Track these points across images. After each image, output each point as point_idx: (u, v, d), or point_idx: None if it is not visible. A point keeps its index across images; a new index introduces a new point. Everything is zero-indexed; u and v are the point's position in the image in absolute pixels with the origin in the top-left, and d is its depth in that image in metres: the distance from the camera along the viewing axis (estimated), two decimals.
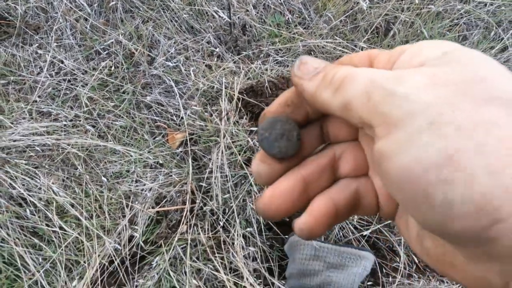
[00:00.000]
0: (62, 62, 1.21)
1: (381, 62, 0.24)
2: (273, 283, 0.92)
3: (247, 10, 1.29)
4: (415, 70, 0.20)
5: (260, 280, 0.92)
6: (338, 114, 0.22)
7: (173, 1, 1.28)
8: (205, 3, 1.29)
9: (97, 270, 0.91)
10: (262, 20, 1.31)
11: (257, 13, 1.31)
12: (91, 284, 0.89)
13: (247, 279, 0.87)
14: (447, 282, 1.02)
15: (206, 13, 1.29)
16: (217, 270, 0.90)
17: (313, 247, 0.80)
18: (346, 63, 0.25)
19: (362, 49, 1.28)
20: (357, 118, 0.21)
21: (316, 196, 0.26)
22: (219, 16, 1.23)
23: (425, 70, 0.20)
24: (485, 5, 1.43)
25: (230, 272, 0.92)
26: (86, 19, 1.25)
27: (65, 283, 0.91)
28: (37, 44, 1.24)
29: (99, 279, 0.90)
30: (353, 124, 0.22)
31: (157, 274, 0.90)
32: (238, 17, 1.28)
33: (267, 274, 0.93)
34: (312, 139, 0.28)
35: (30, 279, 0.90)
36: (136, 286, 0.89)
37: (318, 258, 0.79)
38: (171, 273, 0.90)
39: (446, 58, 0.20)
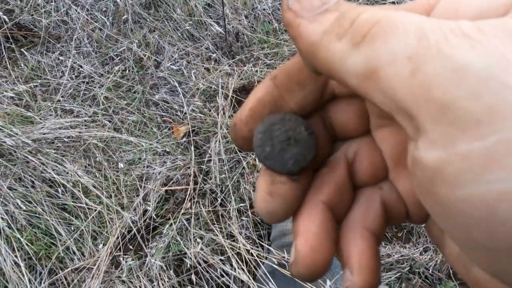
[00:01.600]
0: (81, 67, 1.41)
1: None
2: (262, 246, 1.12)
3: (240, 20, 1.49)
4: (488, 25, 0.12)
5: (250, 241, 1.12)
6: (353, 83, 0.15)
7: (176, 13, 1.49)
8: (203, 14, 1.49)
9: (118, 237, 1.11)
10: (253, 29, 1.51)
11: (249, 22, 1.51)
12: (114, 248, 1.09)
13: (241, 241, 1.07)
14: (409, 248, 1.22)
15: (205, 22, 1.49)
16: (216, 236, 1.10)
17: None
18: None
19: None
20: (386, 97, 0.14)
21: (351, 239, 0.19)
22: (216, 26, 1.44)
23: (509, 27, 0.12)
24: None
25: (227, 238, 1.12)
26: (101, 30, 1.45)
27: (91, 248, 1.10)
28: (59, 52, 1.44)
29: (121, 244, 1.10)
30: (372, 104, 0.15)
31: (167, 240, 1.10)
32: (232, 26, 1.48)
33: (257, 240, 1.13)
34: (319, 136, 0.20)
35: (63, 245, 1.10)
36: (151, 247, 1.09)
37: None
38: (179, 239, 1.10)
39: None
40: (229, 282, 1.04)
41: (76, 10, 1.47)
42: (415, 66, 0.13)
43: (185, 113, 1.32)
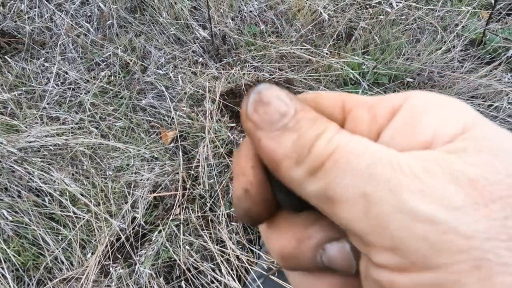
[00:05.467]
0: (67, 73, 1.39)
1: (362, 124, 0.18)
2: (252, 251, 1.12)
3: (226, 23, 1.49)
4: (436, 165, 0.14)
5: (240, 246, 1.11)
6: (312, 202, 0.16)
7: (162, 17, 1.47)
8: (190, 18, 1.48)
9: (106, 245, 1.10)
10: (240, 31, 1.50)
11: (235, 25, 1.50)
12: (102, 257, 1.08)
13: (230, 247, 1.07)
14: None
15: (191, 26, 1.48)
16: (206, 242, 1.09)
17: None
18: (312, 104, 0.18)
19: (327, 54, 1.48)
20: (341, 222, 0.15)
21: None
22: (201, 30, 1.43)
23: (455, 169, 0.14)
24: (436, 11, 1.64)
25: (217, 244, 1.12)
26: (86, 35, 1.44)
27: (80, 257, 1.09)
28: (43, 58, 1.42)
29: (110, 252, 1.09)
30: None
31: (157, 247, 1.09)
32: (219, 29, 1.47)
33: (247, 245, 1.13)
34: None
35: (51, 255, 1.09)
36: (140, 255, 1.08)
37: None
38: (168, 246, 1.09)
39: (467, 143, 0.15)
40: None
41: (60, 16, 1.45)
42: (367, 204, 0.14)
43: (173, 118, 1.31)
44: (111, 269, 1.06)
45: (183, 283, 1.04)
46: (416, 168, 0.14)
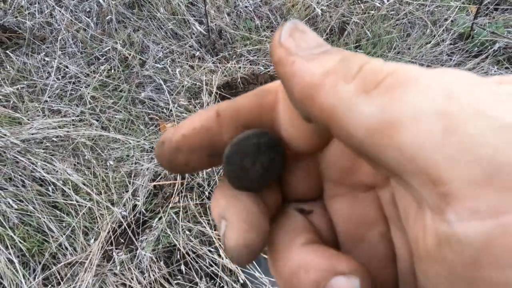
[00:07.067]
0: (67, 67, 1.43)
1: None
2: None
3: (222, 18, 1.53)
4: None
5: None
6: (359, 135, 0.12)
7: (159, 12, 1.51)
8: (187, 13, 1.52)
9: (109, 232, 1.14)
10: (236, 26, 1.55)
11: (231, 20, 1.55)
12: (105, 242, 1.12)
13: None
14: None
15: (188, 21, 1.52)
16: (204, 228, 1.14)
17: None
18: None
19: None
20: (404, 157, 0.11)
21: None
22: (198, 25, 1.47)
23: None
24: (426, 6, 1.69)
25: (215, 230, 1.16)
26: (85, 30, 1.48)
27: (83, 243, 1.14)
28: (44, 53, 1.45)
29: (112, 238, 1.13)
30: (376, 163, 0.13)
31: (157, 233, 1.14)
32: (215, 24, 1.51)
33: None
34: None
35: (55, 241, 1.13)
36: (141, 241, 1.13)
37: None
38: (168, 232, 1.14)
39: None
40: (218, 271, 1.08)
41: (60, 11, 1.48)
42: (449, 123, 0.11)
43: (171, 110, 1.35)
44: (113, 254, 1.10)
45: (182, 267, 1.09)
46: (497, 91, 0.11)
